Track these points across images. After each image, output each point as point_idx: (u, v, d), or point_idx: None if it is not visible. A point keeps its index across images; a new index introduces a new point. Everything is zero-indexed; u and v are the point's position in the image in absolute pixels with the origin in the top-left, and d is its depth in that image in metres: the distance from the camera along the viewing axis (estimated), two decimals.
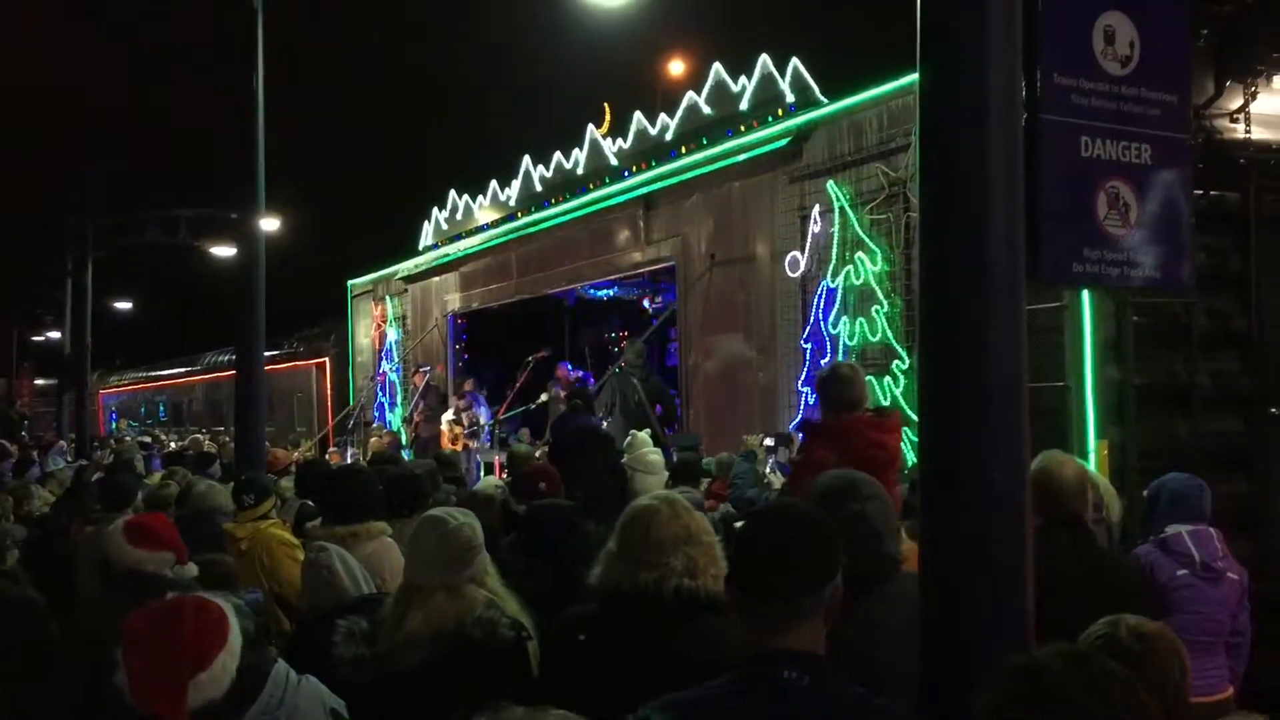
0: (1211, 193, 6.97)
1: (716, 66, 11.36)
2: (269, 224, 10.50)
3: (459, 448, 14.15)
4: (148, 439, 22.51)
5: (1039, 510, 3.71)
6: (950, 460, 2.50)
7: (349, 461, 13.26)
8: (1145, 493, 5.05)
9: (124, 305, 36.36)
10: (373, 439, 15.54)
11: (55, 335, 28.24)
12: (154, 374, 38.97)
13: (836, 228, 9.29)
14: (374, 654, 3.42)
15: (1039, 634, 2.47)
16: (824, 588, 2.28)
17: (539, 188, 14.59)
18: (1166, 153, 2.79)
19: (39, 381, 35.55)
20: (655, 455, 7.98)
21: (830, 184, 9.36)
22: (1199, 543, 4.63)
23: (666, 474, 7.71)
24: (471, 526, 3.45)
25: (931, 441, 2.53)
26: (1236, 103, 7.23)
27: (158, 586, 4.23)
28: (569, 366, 14.59)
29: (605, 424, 11.09)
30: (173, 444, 20.80)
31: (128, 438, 21.79)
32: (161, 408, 37.37)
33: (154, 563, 4.36)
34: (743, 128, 10.77)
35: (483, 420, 14.48)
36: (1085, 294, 6.76)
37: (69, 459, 14.61)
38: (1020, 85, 2.48)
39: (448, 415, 14.97)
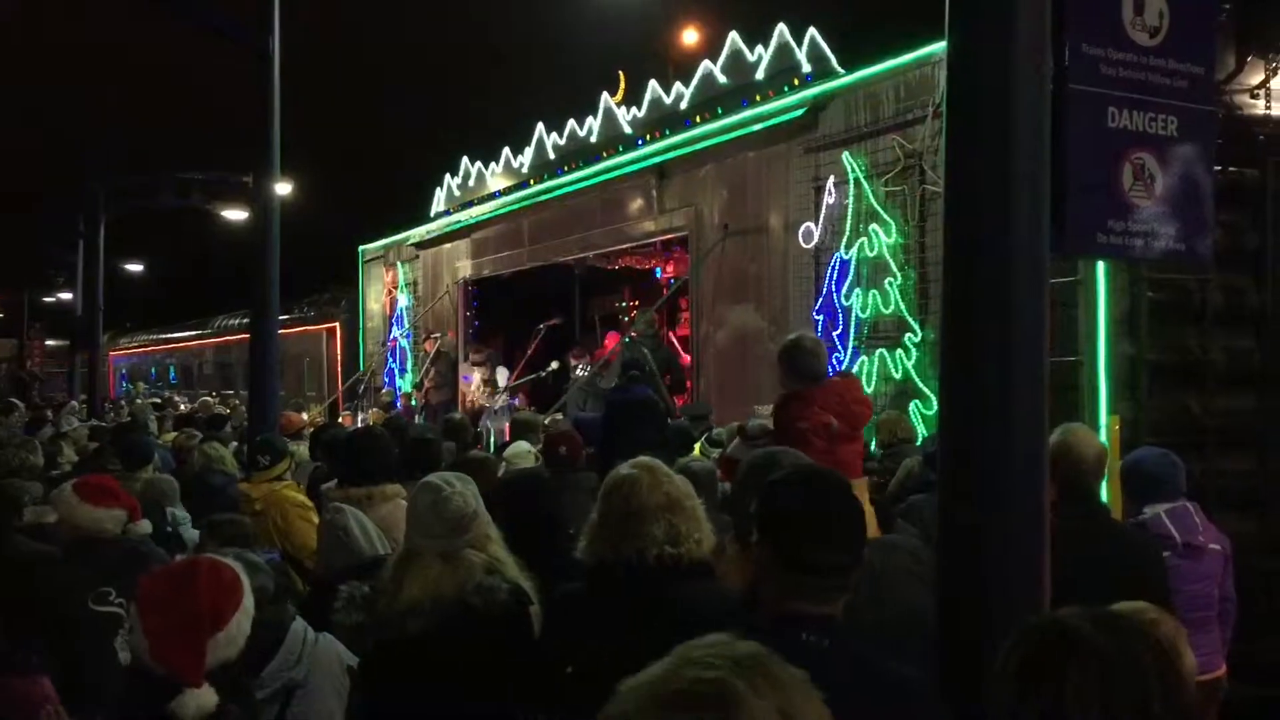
0: (1229, 168, 6.93)
1: (733, 35, 11.30)
2: (282, 188, 10.48)
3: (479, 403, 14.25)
4: (158, 400, 22.58)
5: (1055, 483, 3.73)
6: (971, 432, 2.51)
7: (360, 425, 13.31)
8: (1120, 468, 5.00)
9: (135, 267, 36.41)
10: (373, 409, 15.56)
11: (67, 296, 28.28)
12: (164, 336, 39.08)
13: (851, 199, 9.26)
14: (373, 621, 3.44)
15: (1054, 604, 2.49)
16: (860, 563, 2.32)
17: (552, 155, 14.55)
18: (1192, 125, 2.78)
19: (50, 343, 35.63)
20: None
21: (845, 155, 9.32)
22: (1178, 521, 4.55)
23: None
24: (463, 495, 3.40)
25: (953, 413, 2.54)
26: (1257, 78, 7.18)
27: (115, 548, 4.30)
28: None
29: None
30: (183, 406, 20.83)
31: (139, 399, 21.87)
32: (172, 370, 37.49)
33: (108, 520, 4.41)
34: (758, 97, 10.72)
35: (501, 382, 14.57)
36: (1100, 268, 6.75)
37: (81, 419, 14.66)
38: (1048, 54, 2.47)
39: (479, 378, 15.05)
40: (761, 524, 2.38)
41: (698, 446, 8.36)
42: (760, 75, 10.78)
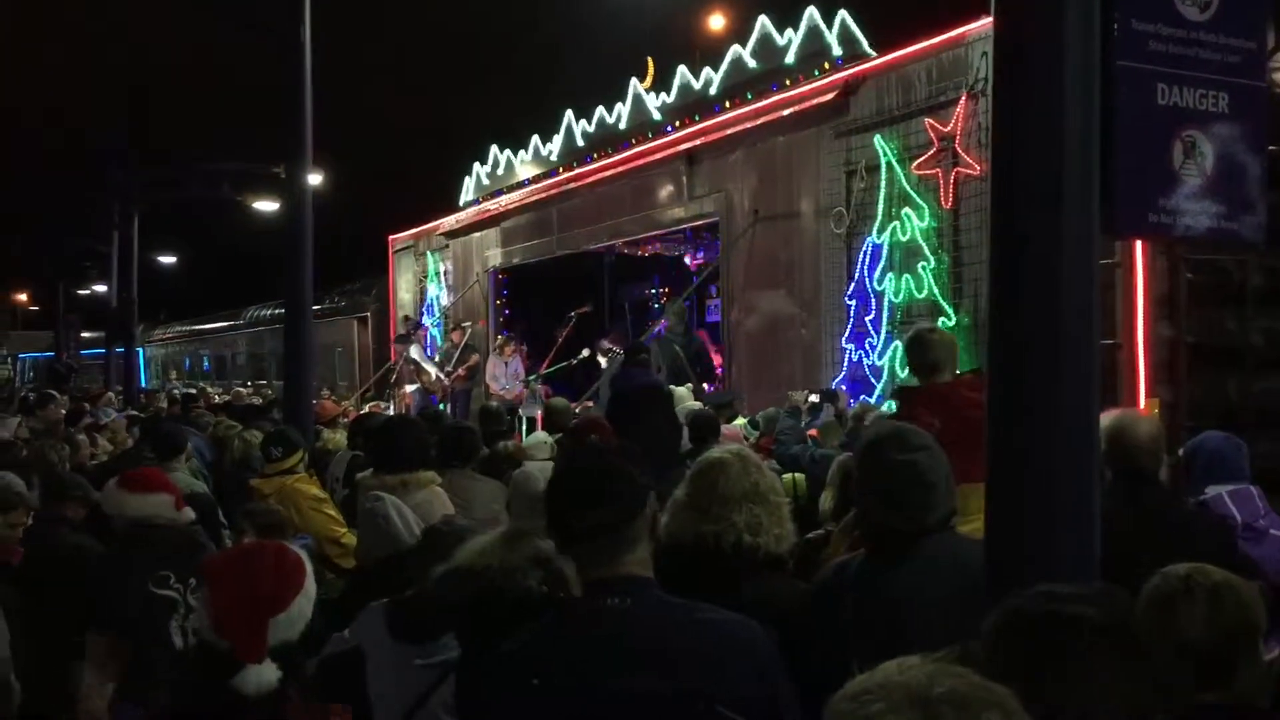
0: (1271, 147, 6.81)
1: (762, 19, 11.24)
2: (314, 178, 10.51)
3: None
4: (192, 391, 22.76)
5: (1110, 464, 3.69)
6: (1020, 423, 2.48)
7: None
8: (1180, 452, 4.95)
9: (168, 259, 36.73)
10: (403, 391, 15.62)
11: (101, 288, 28.55)
12: (198, 328, 39.39)
13: (883, 183, 9.20)
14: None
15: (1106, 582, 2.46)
16: (635, 518, 2.38)
17: (581, 142, 14.53)
18: (1243, 101, 2.73)
19: (85, 334, 35.97)
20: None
21: (877, 138, 9.26)
22: (1240, 503, 4.50)
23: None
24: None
25: (1002, 402, 2.51)
26: None
27: (163, 534, 4.36)
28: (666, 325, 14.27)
29: None
30: (216, 397, 20.98)
31: (175, 390, 22.09)
32: (205, 360, 37.81)
33: (152, 505, 4.45)
34: (788, 81, 10.66)
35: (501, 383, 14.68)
36: (1139, 250, 6.67)
37: (117, 409, 14.80)
38: (1097, 31, 2.44)
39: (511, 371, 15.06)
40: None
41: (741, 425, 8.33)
42: (790, 59, 10.72)
